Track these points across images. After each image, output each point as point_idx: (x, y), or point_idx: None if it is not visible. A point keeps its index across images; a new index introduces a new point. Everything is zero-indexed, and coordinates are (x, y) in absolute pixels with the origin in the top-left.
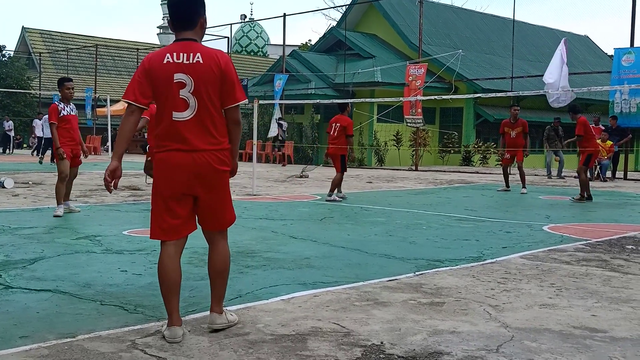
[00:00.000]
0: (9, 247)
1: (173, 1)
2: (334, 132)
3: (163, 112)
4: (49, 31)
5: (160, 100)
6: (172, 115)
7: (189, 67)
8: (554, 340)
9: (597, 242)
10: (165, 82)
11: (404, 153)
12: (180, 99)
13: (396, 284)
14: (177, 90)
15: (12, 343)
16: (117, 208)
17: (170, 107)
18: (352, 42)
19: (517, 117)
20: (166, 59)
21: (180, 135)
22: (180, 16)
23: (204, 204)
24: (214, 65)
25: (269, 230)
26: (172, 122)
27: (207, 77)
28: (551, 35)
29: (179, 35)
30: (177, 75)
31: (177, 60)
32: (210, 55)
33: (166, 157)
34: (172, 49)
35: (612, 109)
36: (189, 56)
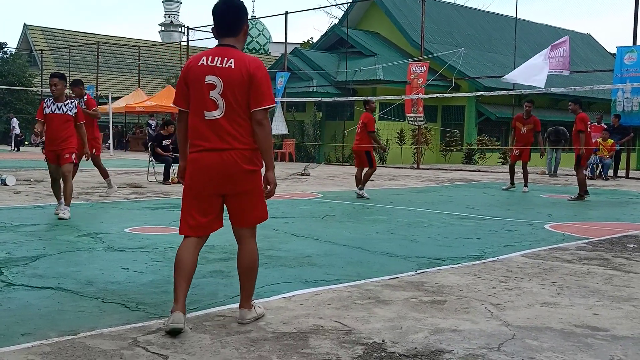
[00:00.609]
0: (11, 245)
1: (219, 10)
2: (358, 129)
3: (196, 111)
4: (51, 28)
5: (194, 99)
6: (204, 115)
7: (220, 70)
8: (555, 339)
9: (598, 240)
10: (198, 83)
11: (406, 151)
12: (210, 100)
13: (398, 282)
14: (207, 91)
15: (13, 340)
16: (119, 205)
17: (202, 106)
18: (354, 40)
19: (530, 113)
20: (201, 62)
21: (210, 133)
22: (225, 24)
23: (233, 202)
24: (244, 70)
25: (271, 228)
26: (205, 121)
27: (236, 81)
28: (553, 33)
29: (221, 41)
30: (208, 77)
31: (211, 64)
32: (243, 61)
33: (198, 157)
34: (210, 52)
35: (615, 108)
36: (223, 60)
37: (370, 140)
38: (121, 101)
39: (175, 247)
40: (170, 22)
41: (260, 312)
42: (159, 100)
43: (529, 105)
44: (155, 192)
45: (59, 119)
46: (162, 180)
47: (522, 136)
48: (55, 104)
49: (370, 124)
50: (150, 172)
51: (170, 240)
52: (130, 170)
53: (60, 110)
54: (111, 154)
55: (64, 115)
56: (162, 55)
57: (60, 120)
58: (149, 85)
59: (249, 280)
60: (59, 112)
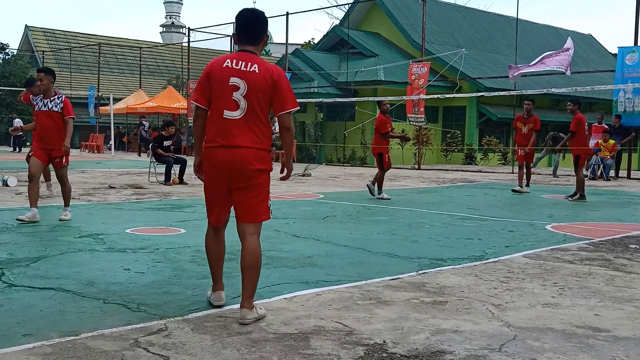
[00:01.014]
0: (12, 246)
1: (243, 19)
2: (375, 132)
3: (216, 110)
4: (52, 29)
5: (215, 98)
6: (224, 113)
7: (245, 74)
8: (556, 340)
9: (600, 241)
10: (221, 83)
11: (407, 152)
12: (233, 100)
13: (399, 282)
14: (230, 92)
15: (15, 341)
16: (120, 206)
17: (222, 105)
18: (355, 40)
19: (530, 112)
20: (225, 64)
21: (228, 132)
22: (249, 33)
23: (241, 196)
24: (267, 76)
25: (272, 229)
26: (224, 120)
27: (260, 86)
28: (555, 34)
29: (243, 47)
30: (232, 79)
31: (235, 67)
32: (266, 68)
33: (212, 153)
34: (234, 56)
35: (616, 108)
36: (247, 64)
37: (383, 142)
38: (122, 102)
39: (176, 248)
40: (171, 23)
41: (262, 313)
42: (160, 101)
43: (528, 103)
44: (157, 193)
45: (46, 116)
46: (163, 181)
47: (524, 136)
48: (42, 101)
49: (382, 126)
50: (151, 173)
51: (172, 241)
52: (132, 171)
53: (46, 107)
54: (112, 155)
55: (49, 112)
56: (163, 56)
57: (47, 117)
58: (150, 86)
59: (251, 279)
60: (45, 109)
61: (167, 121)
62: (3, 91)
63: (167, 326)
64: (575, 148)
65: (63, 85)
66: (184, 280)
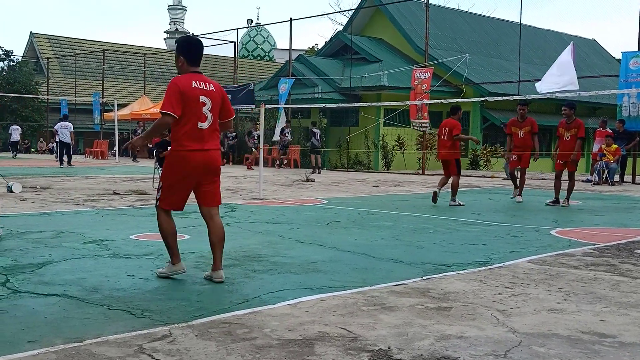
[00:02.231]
0: (17, 252)
1: (197, 45)
2: (444, 136)
3: (191, 122)
4: (57, 36)
5: (189, 113)
6: (198, 125)
7: (208, 92)
8: (562, 346)
9: (605, 246)
10: (194, 101)
11: (411, 157)
12: (203, 114)
13: (403, 288)
14: (201, 108)
15: (20, 347)
16: (124, 212)
17: (196, 119)
18: (358, 46)
19: (524, 116)
20: (194, 85)
21: (202, 139)
22: (199, 57)
23: (209, 187)
24: (219, 93)
25: (276, 234)
26: (198, 130)
27: (217, 100)
28: (558, 38)
29: (195, 69)
30: (201, 97)
31: (200, 87)
32: (217, 86)
33: (189, 155)
34: (195, 77)
35: (620, 113)
36: (207, 85)
37: (457, 147)
38: (127, 108)
39: (180, 254)
40: (175, 30)
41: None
42: None
43: (522, 108)
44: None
45: None
46: None
47: (520, 140)
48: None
49: (456, 129)
50: (155, 179)
51: None
52: (136, 177)
53: None
54: (117, 161)
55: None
56: (167, 62)
57: None
58: (154, 92)
59: (221, 247)
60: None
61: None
62: (8, 98)
63: (171, 332)
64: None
65: (68, 92)
66: (188, 286)
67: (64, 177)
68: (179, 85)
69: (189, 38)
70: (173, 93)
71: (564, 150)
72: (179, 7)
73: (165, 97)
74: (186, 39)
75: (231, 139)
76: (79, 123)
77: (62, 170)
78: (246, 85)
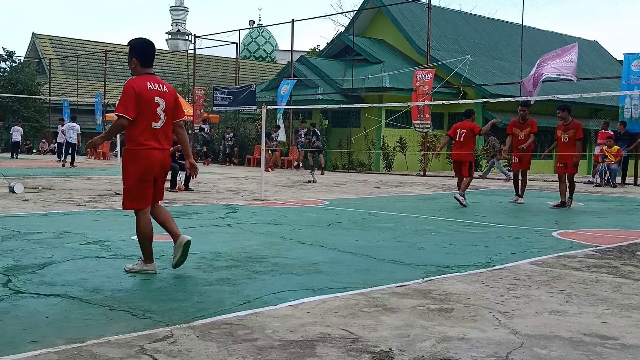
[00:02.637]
0: (19, 252)
1: (151, 47)
2: (460, 138)
3: (147, 122)
4: (59, 37)
5: (145, 113)
6: (152, 124)
7: (162, 94)
8: (564, 348)
9: (607, 248)
10: (149, 102)
11: (412, 158)
12: (157, 114)
13: (405, 289)
14: (155, 108)
15: (21, 348)
16: (126, 213)
17: (151, 119)
18: (360, 47)
19: (525, 117)
20: (149, 86)
21: (157, 138)
22: (152, 59)
23: (160, 183)
24: (172, 94)
25: (277, 235)
26: (152, 129)
27: (169, 101)
28: (560, 40)
29: (148, 70)
30: (156, 98)
31: (155, 88)
32: (169, 87)
33: (149, 153)
34: (149, 79)
35: (622, 115)
36: (160, 86)
37: (473, 149)
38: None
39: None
40: (177, 31)
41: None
42: None
43: (523, 109)
44: (162, 200)
45: None
46: (169, 187)
47: (521, 142)
48: None
49: (477, 127)
50: None
51: None
52: None
53: None
54: (118, 162)
55: None
56: (169, 63)
57: None
58: None
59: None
60: None
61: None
62: (10, 99)
63: (172, 333)
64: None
65: (70, 92)
66: (190, 287)
67: (66, 178)
68: (135, 87)
69: (141, 40)
70: (128, 96)
71: (563, 152)
72: (180, 8)
73: (121, 100)
74: (139, 40)
75: (230, 140)
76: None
77: (64, 170)
78: (248, 86)
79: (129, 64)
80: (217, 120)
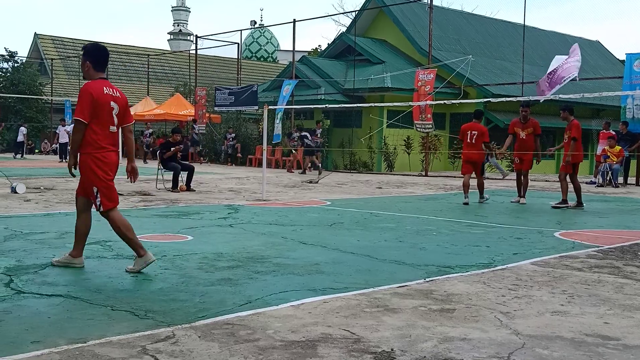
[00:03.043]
0: (21, 252)
1: (104, 52)
2: (471, 139)
3: (104, 125)
4: (61, 37)
5: (102, 118)
6: (109, 128)
7: (116, 99)
8: (566, 348)
9: (609, 248)
10: (106, 106)
11: (414, 158)
12: (112, 118)
13: (406, 290)
14: (111, 112)
15: (23, 348)
16: (128, 213)
17: (108, 122)
18: (361, 47)
19: (527, 118)
20: (105, 91)
21: (113, 140)
22: (106, 64)
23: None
24: (124, 99)
25: (279, 236)
26: (110, 133)
27: (122, 106)
28: (562, 40)
29: (102, 75)
30: (111, 102)
31: (110, 93)
32: (121, 93)
33: (109, 155)
34: (104, 84)
35: (624, 115)
36: (114, 91)
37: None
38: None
39: (183, 255)
40: (179, 31)
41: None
42: (168, 108)
43: (525, 110)
44: (164, 200)
45: None
46: (170, 188)
47: (522, 141)
48: None
49: (487, 135)
50: (158, 180)
51: (179, 248)
52: (139, 178)
53: None
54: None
55: None
56: (170, 64)
57: None
58: (157, 93)
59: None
60: None
61: (174, 128)
62: (12, 99)
63: (174, 333)
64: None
65: (72, 93)
66: (191, 287)
67: (68, 178)
68: (92, 92)
69: (96, 45)
70: (86, 100)
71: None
72: (182, 9)
73: (79, 104)
74: (93, 45)
75: (231, 140)
76: None
77: (66, 171)
78: (249, 87)
79: (82, 67)
80: (219, 120)
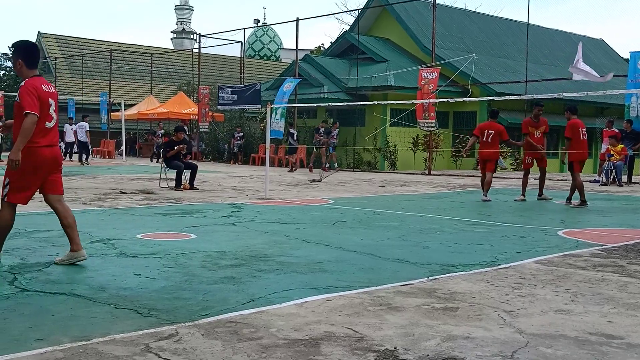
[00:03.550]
0: (25, 251)
1: (35, 48)
2: (487, 138)
3: (42, 121)
4: (65, 36)
5: (42, 113)
6: (46, 124)
7: (53, 95)
8: (569, 347)
9: (613, 247)
10: (45, 102)
11: (417, 157)
12: (50, 115)
13: (409, 288)
14: (48, 108)
15: (27, 346)
16: (131, 212)
17: (45, 118)
18: (365, 46)
19: (539, 116)
20: (44, 88)
21: (50, 136)
22: (37, 59)
23: (55, 178)
24: (56, 93)
25: (282, 234)
26: (45, 129)
27: (56, 101)
28: (566, 38)
29: (34, 72)
30: (49, 99)
31: (48, 90)
32: (54, 87)
33: (41, 151)
34: (42, 81)
35: (628, 113)
36: (50, 87)
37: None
38: (133, 108)
39: (187, 254)
40: (182, 30)
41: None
42: (171, 107)
43: (539, 108)
44: (167, 199)
45: None
46: (174, 186)
47: (537, 140)
48: None
49: (505, 134)
50: (162, 179)
51: (182, 246)
52: (143, 177)
53: None
54: (124, 160)
55: None
56: (174, 62)
57: None
58: (161, 92)
59: (75, 229)
60: None
61: (177, 127)
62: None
63: (177, 331)
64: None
65: (75, 92)
66: (195, 285)
67: (71, 177)
68: (36, 88)
69: (26, 42)
70: (33, 95)
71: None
72: (185, 7)
73: (27, 99)
74: (24, 43)
75: (239, 139)
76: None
77: (69, 169)
78: (252, 85)
79: (14, 65)
80: (222, 119)
